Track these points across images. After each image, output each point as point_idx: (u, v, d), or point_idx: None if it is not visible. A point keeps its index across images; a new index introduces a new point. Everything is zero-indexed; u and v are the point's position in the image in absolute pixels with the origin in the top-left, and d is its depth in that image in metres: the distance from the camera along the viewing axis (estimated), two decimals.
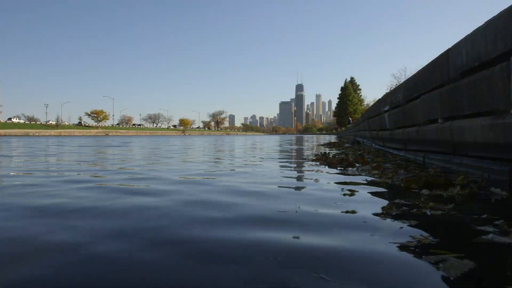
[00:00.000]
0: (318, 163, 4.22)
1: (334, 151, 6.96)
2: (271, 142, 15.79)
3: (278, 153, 6.70)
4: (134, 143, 14.52)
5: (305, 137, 47.76)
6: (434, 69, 3.59)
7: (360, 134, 16.86)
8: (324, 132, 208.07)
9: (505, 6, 2.28)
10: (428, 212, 1.67)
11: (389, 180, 2.66)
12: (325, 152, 5.24)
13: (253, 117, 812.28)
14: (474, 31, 2.69)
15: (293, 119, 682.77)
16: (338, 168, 3.69)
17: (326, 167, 3.83)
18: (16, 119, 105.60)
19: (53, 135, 77.62)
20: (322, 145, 10.27)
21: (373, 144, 8.91)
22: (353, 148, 7.90)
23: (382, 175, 2.96)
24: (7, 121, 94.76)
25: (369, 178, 2.85)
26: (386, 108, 6.29)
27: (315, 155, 5.36)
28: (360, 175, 3.13)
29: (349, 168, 3.59)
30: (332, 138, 34.58)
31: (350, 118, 74.11)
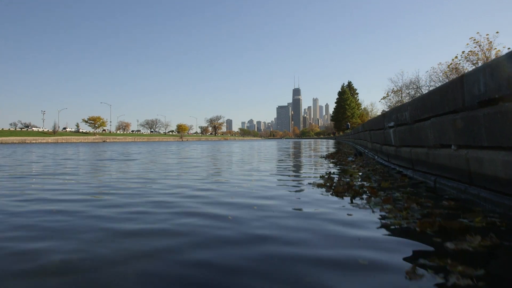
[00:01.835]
0: (323, 189, 4.01)
1: (337, 168, 6.76)
2: (268, 152, 15.56)
3: (275, 174, 6.49)
4: (135, 154, 14.25)
5: (303, 142, 47.66)
6: (447, 93, 3.40)
7: (360, 142, 16.69)
8: (321, 136, 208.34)
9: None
10: (457, 280, 1.47)
11: (404, 222, 2.45)
12: (329, 175, 5.03)
13: (251, 121, 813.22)
14: (493, 60, 2.50)
15: (290, 123, 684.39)
16: (345, 198, 3.49)
17: (332, 195, 3.63)
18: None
19: (50, 142, 77.26)
20: (323, 157, 10.06)
21: (376, 157, 8.73)
22: (357, 162, 7.71)
23: (395, 211, 2.76)
24: (3, 129, 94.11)
25: (381, 218, 2.64)
26: (391, 124, 6.10)
27: (320, 176, 5.15)
28: (370, 209, 2.93)
29: (357, 199, 3.38)
30: (331, 143, 34.44)
31: (349, 123, 74.26)
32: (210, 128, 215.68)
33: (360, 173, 5.70)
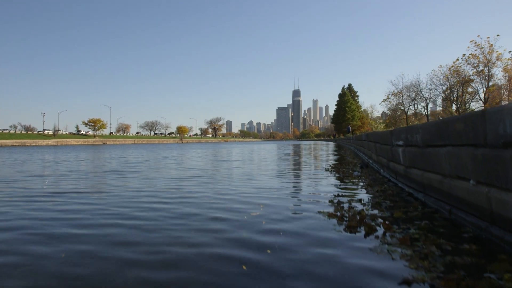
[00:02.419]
0: (335, 220, 3.86)
1: (345, 187, 6.60)
2: (270, 161, 15.39)
3: (283, 196, 6.34)
4: (135, 166, 14.07)
5: (304, 145, 47.39)
6: (465, 125, 3.25)
7: (362, 150, 16.53)
8: (321, 138, 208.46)
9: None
10: None
11: (427, 276, 2.29)
12: (339, 202, 4.86)
13: (250, 123, 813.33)
14: None
15: (290, 124, 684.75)
16: (358, 234, 3.34)
17: (345, 230, 3.47)
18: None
19: (50, 145, 77.10)
20: (328, 170, 9.89)
21: (382, 171, 8.57)
22: (364, 178, 7.56)
23: (415, 259, 2.60)
24: (3, 131, 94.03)
25: (402, 268, 2.48)
26: (400, 143, 5.95)
27: (329, 201, 4.99)
28: (387, 252, 2.78)
29: (372, 237, 3.22)
30: (332, 147, 34.16)
31: (350, 127, 74.15)
32: (210, 130, 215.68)
33: (369, 195, 5.54)
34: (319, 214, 4.20)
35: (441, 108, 73.38)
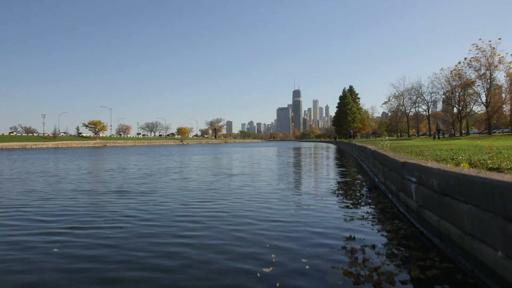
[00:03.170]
0: (351, 281, 3.67)
1: (355, 217, 6.41)
2: (270, 175, 15.18)
3: (284, 221, 6.13)
4: (136, 180, 13.85)
5: (304, 149, 47.06)
6: (493, 194, 3.06)
7: (366, 163, 16.34)
8: (322, 139, 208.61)
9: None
10: None
11: None
12: (352, 253, 4.67)
13: (251, 123, 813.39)
14: None
15: (290, 124, 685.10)
16: None
17: None
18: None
19: (51, 148, 76.98)
20: (333, 192, 9.70)
21: (390, 195, 8.38)
22: (373, 206, 7.38)
23: None
24: (4, 134, 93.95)
25: None
26: (413, 179, 5.75)
27: (343, 247, 4.79)
28: None
29: None
30: (333, 152, 33.76)
31: (351, 131, 74.12)
32: (210, 131, 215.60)
33: (382, 237, 5.34)
34: (333, 269, 4.01)
35: (441, 109, 73.26)
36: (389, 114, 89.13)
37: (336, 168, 18.27)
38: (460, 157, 7.09)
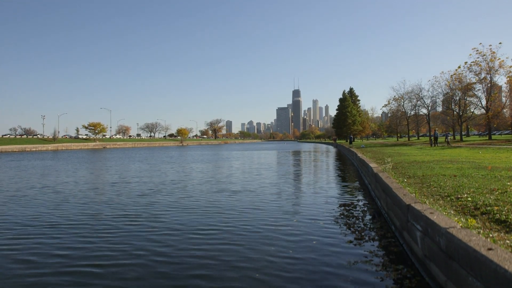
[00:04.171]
0: None
1: (363, 274, 6.32)
2: (270, 184, 15.09)
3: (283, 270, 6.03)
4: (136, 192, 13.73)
5: (304, 152, 46.92)
6: (508, 285, 2.97)
7: (367, 179, 16.26)
8: (321, 139, 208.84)
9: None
10: None
11: None
12: None
13: (250, 123, 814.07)
14: None
15: (290, 124, 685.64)
16: None
17: None
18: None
19: (50, 150, 76.95)
20: (335, 220, 9.62)
21: (393, 227, 8.31)
22: (377, 241, 7.30)
23: None
24: (3, 136, 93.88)
25: None
26: (419, 227, 5.67)
27: None
28: None
29: None
30: (333, 156, 33.59)
31: (352, 136, 74.21)
32: (210, 132, 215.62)
33: (388, 286, 5.26)
34: None
35: (441, 109, 73.15)
36: (389, 114, 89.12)
37: (338, 183, 18.17)
38: (465, 195, 7.04)
